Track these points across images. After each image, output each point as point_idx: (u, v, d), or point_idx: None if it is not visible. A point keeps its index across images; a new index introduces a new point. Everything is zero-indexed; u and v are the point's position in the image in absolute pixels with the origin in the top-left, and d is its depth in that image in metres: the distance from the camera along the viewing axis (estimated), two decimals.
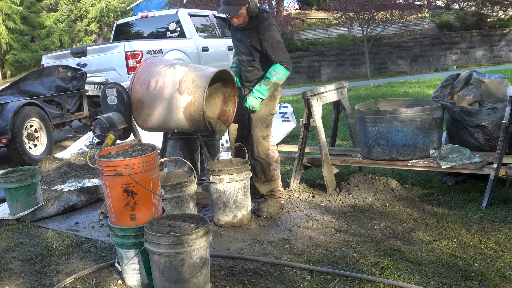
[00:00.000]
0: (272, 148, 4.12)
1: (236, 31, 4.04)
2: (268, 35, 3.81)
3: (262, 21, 3.87)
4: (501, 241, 3.20)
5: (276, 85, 3.91)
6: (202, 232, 2.67)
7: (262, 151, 4.06)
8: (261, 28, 3.84)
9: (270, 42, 3.81)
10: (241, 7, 3.78)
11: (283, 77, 3.88)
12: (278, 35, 3.86)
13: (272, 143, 4.13)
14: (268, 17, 3.94)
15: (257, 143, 4.07)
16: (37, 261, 3.44)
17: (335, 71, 20.73)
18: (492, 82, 4.24)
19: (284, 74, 3.87)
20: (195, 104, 3.89)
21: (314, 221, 3.83)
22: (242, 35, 3.97)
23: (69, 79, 8.06)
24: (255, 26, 3.87)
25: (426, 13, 22.47)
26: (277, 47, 3.82)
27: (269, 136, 4.09)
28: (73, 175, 5.96)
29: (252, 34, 3.89)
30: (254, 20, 3.89)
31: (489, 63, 19.63)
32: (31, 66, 26.13)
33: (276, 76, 3.86)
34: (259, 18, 3.89)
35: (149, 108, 4.06)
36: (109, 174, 2.82)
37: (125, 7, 31.94)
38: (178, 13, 9.64)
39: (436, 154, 4.15)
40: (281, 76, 3.86)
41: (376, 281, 2.77)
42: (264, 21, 3.87)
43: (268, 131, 4.07)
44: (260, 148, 4.06)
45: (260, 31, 3.84)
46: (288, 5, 25.75)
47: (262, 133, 4.05)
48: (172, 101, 3.96)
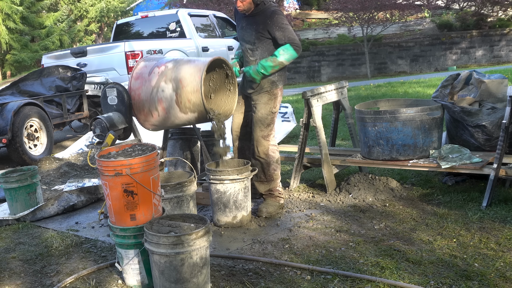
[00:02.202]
0: (273, 148, 4.11)
1: (242, 20, 4.06)
2: (276, 18, 3.86)
3: (269, 7, 3.93)
4: (501, 241, 3.20)
5: (282, 65, 3.91)
6: (202, 232, 2.67)
7: (262, 151, 4.06)
8: (268, 12, 3.89)
9: (279, 25, 3.85)
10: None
11: (290, 58, 3.89)
12: (286, 20, 3.91)
13: (273, 143, 4.13)
14: (275, 5, 4.01)
15: (257, 143, 4.07)
16: (37, 261, 3.44)
17: (335, 71, 20.73)
18: (492, 82, 4.24)
19: (292, 55, 3.88)
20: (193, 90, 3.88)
21: (314, 221, 3.83)
22: (248, 22, 3.99)
23: (69, 79, 8.06)
24: (262, 12, 3.91)
25: (426, 13, 22.47)
26: (287, 29, 3.86)
27: (269, 135, 4.08)
28: (73, 175, 5.96)
29: (258, 20, 3.92)
30: (261, 7, 3.93)
31: (489, 63, 19.63)
32: (31, 66, 26.12)
33: (283, 56, 3.87)
34: (266, 4, 3.94)
35: (149, 106, 4.06)
36: (109, 174, 2.82)
37: (125, 7, 31.93)
38: (178, 13, 9.64)
39: (436, 154, 4.15)
40: (288, 57, 3.88)
41: (376, 281, 2.77)
42: (271, 7, 3.94)
43: (268, 130, 4.07)
44: (260, 147, 4.06)
45: (268, 15, 3.88)
46: (288, 5, 25.74)
47: (262, 133, 4.05)
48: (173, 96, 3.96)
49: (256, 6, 3.92)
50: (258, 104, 4.06)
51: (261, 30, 3.89)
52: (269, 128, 4.07)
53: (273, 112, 4.06)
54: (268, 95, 4.03)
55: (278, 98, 4.09)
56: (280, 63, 3.88)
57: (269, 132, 4.08)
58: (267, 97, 4.03)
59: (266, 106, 4.03)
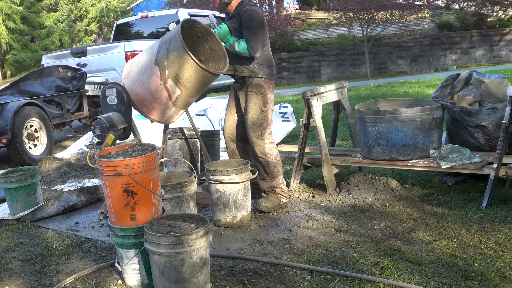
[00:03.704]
0: (269, 146, 4.13)
1: (228, 22, 4.16)
2: (245, 18, 3.94)
3: (244, 6, 4.02)
4: (501, 241, 3.20)
5: (234, 50, 3.98)
6: (202, 232, 2.67)
7: (259, 151, 4.11)
8: (241, 12, 3.99)
9: (246, 24, 3.94)
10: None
11: (242, 52, 3.96)
12: (255, 21, 3.93)
13: (269, 141, 4.13)
14: (254, 5, 4.07)
15: (253, 144, 4.12)
16: (37, 261, 3.44)
17: (335, 71, 20.73)
18: (492, 82, 4.24)
19: (244, 51, 3.94)
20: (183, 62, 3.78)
21: (314, 221, 3.83)
22: (230, 24, 4.11)
23: (69, 79, 8.06)
24: (238, 13, 4.02)
25: (426, 13, 22.47)
26: (249, 29, 3.91)
27: (263, 134, 4.10)
28: (73, 175, 5.97)
29: (236, 20, 4.04)
30: (239, 7, 4.03)
31: (489, 63, 19.63)
32: (31, 66, 26.13)
33: (238, 47, 3.95)
34: (243, 3, 4.04)
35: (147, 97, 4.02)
36: (109, 174, 2.82)
37: (125, 7, 31.94)
38: (178, 13, 9.65)
39: (436, 154, 4.15)
40: (241, 50, 3.95)
41: (376, 281, 2.77)
42: (246, 5, 4.02)
43: (261, 130, 4.08)
44: (256, 147, 4.11)
45: (241, 15, 3.98)
46: (288, 5, 25.76)
47: (255, 133, 4.09)
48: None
49: (237, 7, 4.01)
50: (247, 105, 4.08)
51: (239, 29, 4.01)
52: (261, 128, 4.08)
53: (263, 110, 4.07)
54: (256, 95, 4.05)
55: (268, 96, 4.08)
56: (234, 47, 3.97)
57: (263, 131, 4.09)
58: (255, 97, 4.06)
59: (255, 106, 4.05)
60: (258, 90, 4.05)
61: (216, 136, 5.14)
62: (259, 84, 4.06)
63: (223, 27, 4.04)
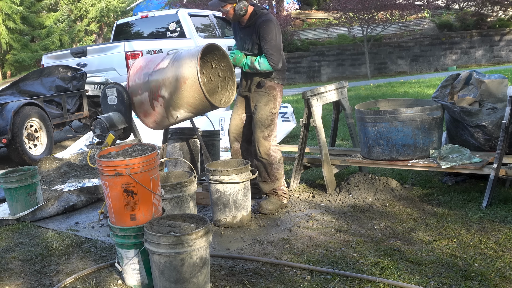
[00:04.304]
0: (274, 148, 4.13)
1: (239, 30, 4.13)
2: (263, 30, 3.91)
3: (260, 17, 3.97)
4: (501, 241, 3.20)
5: (256, 69, 4.00)
6: (202, 232, 2.67)
7: (263, 151, 4.08)
8: (258, 23, 3.95)
9: (264, 37, 3.91)
10: (225, 4, 3.92)
11: (265, 69, 3.98)
12: (273, 33, 3.91)
13: (275, 143, 4.14)
14: (267, 13, 4.03)
15: (258, 144, 4.09)
16: (37, 261, 3.44)
17: (335, 71, 20.73)
18: (492, 82, 4.24)
19: (267, 68, 3.97)
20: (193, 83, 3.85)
21: (314, 221, 3.83)
22: (244, 33, 4.07)
23: (69, 79, 8.06)
24: (254, 23, 3.97)
25: (426, 13, 22.47)
26: (269, 42, 3.90)
27: (270, 136, 4.10)
28: (73, 175, 5.97)
29: (252, 31, 3.99)
30: (253, 17, 3.99)
31: (489, 63, 19.63)
32: (31, 66, 26.12)
33: (260, 66, 3.97)
34: (257, 14, 3.99)
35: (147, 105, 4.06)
36: (109, 174, 2.82)
37: (125, 7, 31.93)
38: (178, 13, 9.65)
39: (436, 154, 4.15)
40: (263, 68, 3.98)
41: (376, 281, 2.77)
42: (263, 16, 3.97)
43: (269, 131, 4.08)
44: (261, 148, 4.08)
45: (257, 26, 3.94)
46: (288, 5, 25.74)
47: (262, 134, 4.07)
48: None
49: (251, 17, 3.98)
50: (258, 105, 4.07)
51: (256, 40, 3.98)
52: (269, 129, 4.08)
53: (273, 113, 4.08)
54: (268, 96, 4.05)
55: (278, 100, 4.12)
56: (255, 68, 3.99)
57: (270, 133, 4.09)
58: (266, 98, 4.05)
59: (266, 107, 4.05)
60: (271, 92, 4.07)
61: (216, 136, 5.14)
62: (272, 86, 4.09)
63: (237, 53, 4.06)
